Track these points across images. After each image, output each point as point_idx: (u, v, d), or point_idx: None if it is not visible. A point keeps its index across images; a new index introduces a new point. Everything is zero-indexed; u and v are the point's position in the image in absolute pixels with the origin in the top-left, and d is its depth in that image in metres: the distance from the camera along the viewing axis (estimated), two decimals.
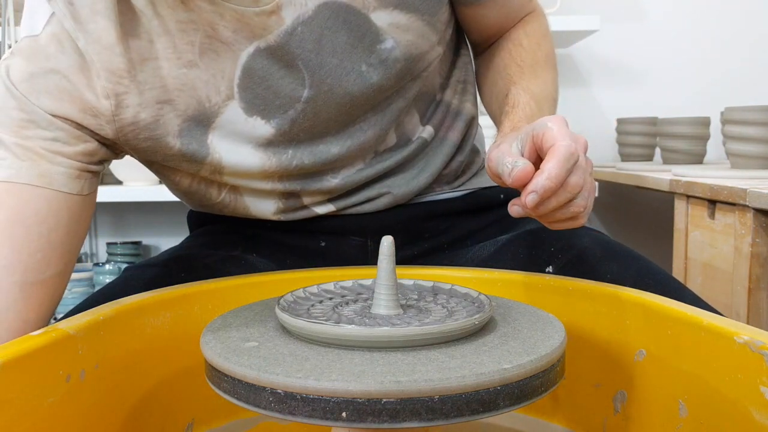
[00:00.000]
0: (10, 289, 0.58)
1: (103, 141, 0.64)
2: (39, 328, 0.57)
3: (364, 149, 0.71)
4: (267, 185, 0.71)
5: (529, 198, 0.48)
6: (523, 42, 0.75)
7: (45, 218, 0.59)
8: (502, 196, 0.79)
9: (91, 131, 0.62)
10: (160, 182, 1.78)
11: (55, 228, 0.60)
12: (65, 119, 0.61)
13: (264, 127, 0.66)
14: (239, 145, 0.67)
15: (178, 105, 0.63)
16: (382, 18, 0.65)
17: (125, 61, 0.61)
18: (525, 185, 0.48)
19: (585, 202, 0.51)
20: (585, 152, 0.52)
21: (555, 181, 0.47)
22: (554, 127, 0.50)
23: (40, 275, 0.59)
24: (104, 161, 0.66)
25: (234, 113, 0.65)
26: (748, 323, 0.81)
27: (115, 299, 0.54)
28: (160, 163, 0.69)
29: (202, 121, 0.65)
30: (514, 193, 0.51)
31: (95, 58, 0.60)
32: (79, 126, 0.61)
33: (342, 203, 0.74)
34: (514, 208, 0.51)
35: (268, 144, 0.67)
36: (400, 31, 0.65)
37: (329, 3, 0.62)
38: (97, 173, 0.65)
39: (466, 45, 0.81)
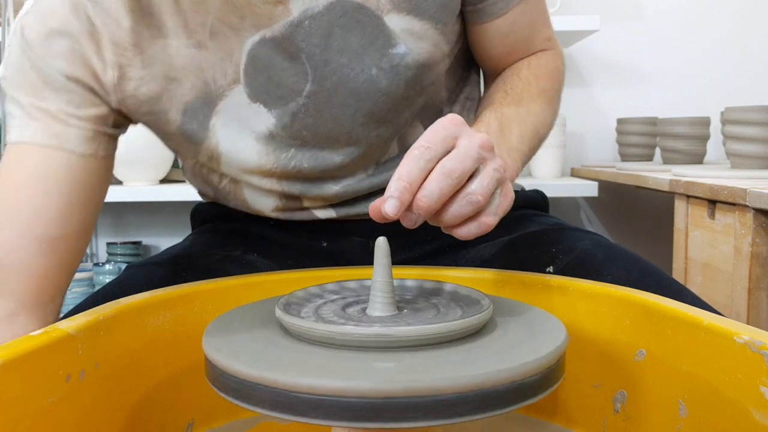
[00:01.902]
0: (30, 243, 0.61)
1: (113, 107, 0.65)
2: (60, 283, 0.63)
3: (367, 160, 0.71)
4: (265, 183, 0.71)
5: (387, 204, 0.43)
6: (522, 73, 0.74)
7: (62, 178, 0.62)
8: None
9: (101, 97, 0.64)
10: (161, 182, 1.78)
11: (72, 187, 0.62)
12: (78, 81, 0.62)
13: (266, 116, 0.66)
14: (240, 135, 0.67)
15: (184, 83, 0.64)
16: (395, 22, 0.64)
17: (132, 34, 0.62)
18: (382, 217, 0.44)
19: (483, 190, 0.46)
20: (479, 146, 0.46)
21: (406, 179, 0.44)
22: (425, 133, 0.47)
23: (61, 230, 0.62)
24: (120, 126, 0.67)
25: (239, 97, 0.66)
26: (748, 323, 0.81)
27: (116, 299, 0.54)
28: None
29: (207, 103, 0.65)
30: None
31: (102, 29, 0.61)
32: (91, 89, 0.63)
33: (343, 211, 0.74)
34: (404, 223, 0.45)
35: (270, 138, 0.67)
36: (414, 38, 0.65)
37: (342, 0, 0.62)
38: (114, 137, 0.66)
39: (476, 65, 0.81)
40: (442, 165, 0.45)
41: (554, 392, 0.41)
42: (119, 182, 1.73)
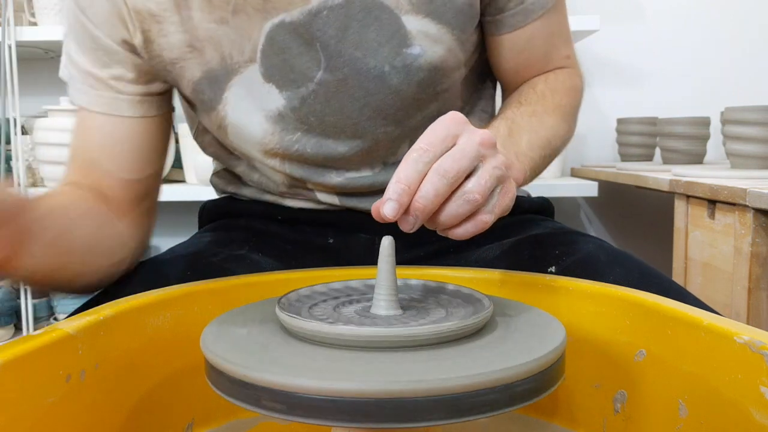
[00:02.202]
0: (117, 184, 0.69)
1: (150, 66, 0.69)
2: (147, 203, 0.74)
3: (372, 157, 0.71)
4: (270, 162, 0.72)
5: (385, 207, 0.43)
6: (538, 87, 0.73)
7: (124, 138, 0.69)
8: None
9: (141, 57, 0.68)
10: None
11: (135, 144, 0.70)
12: (123, 43, 0.67)
13: (277, 96, 0.68)
14: (250, 111, 0.69)
15: (203, 54, 0.67)
16: (412, 23, 0.65)
17: (152, 5, 0.65)
18: (382, 217, 0.44)
19: (481, 188, 0.45)
20: (478, 143, 0.46)
21: (404, 181, 0.43)
22: (425, 132, 0.46)
23: (138, 175, 0.71)
24: (167, 83, 0.71)
25: (253, 75, 0.68)
26: (748, 323, 0.81)
27: (120, 297, 0.54)
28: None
29: (222, 75, 0.68)
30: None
31: None
32: (133, 50, 0.67)
33: (347, 201, 0.75)
34: (402, 227, 0.45)
35: (279, 119, 0.69)
36: (429, 41, 0.65)
37: None
38: (163, 94, 0.72)
39: (493, 80, 0.81)
40: (437, 165, 0.44)
41: (554, 392, 0.41)
42: None
